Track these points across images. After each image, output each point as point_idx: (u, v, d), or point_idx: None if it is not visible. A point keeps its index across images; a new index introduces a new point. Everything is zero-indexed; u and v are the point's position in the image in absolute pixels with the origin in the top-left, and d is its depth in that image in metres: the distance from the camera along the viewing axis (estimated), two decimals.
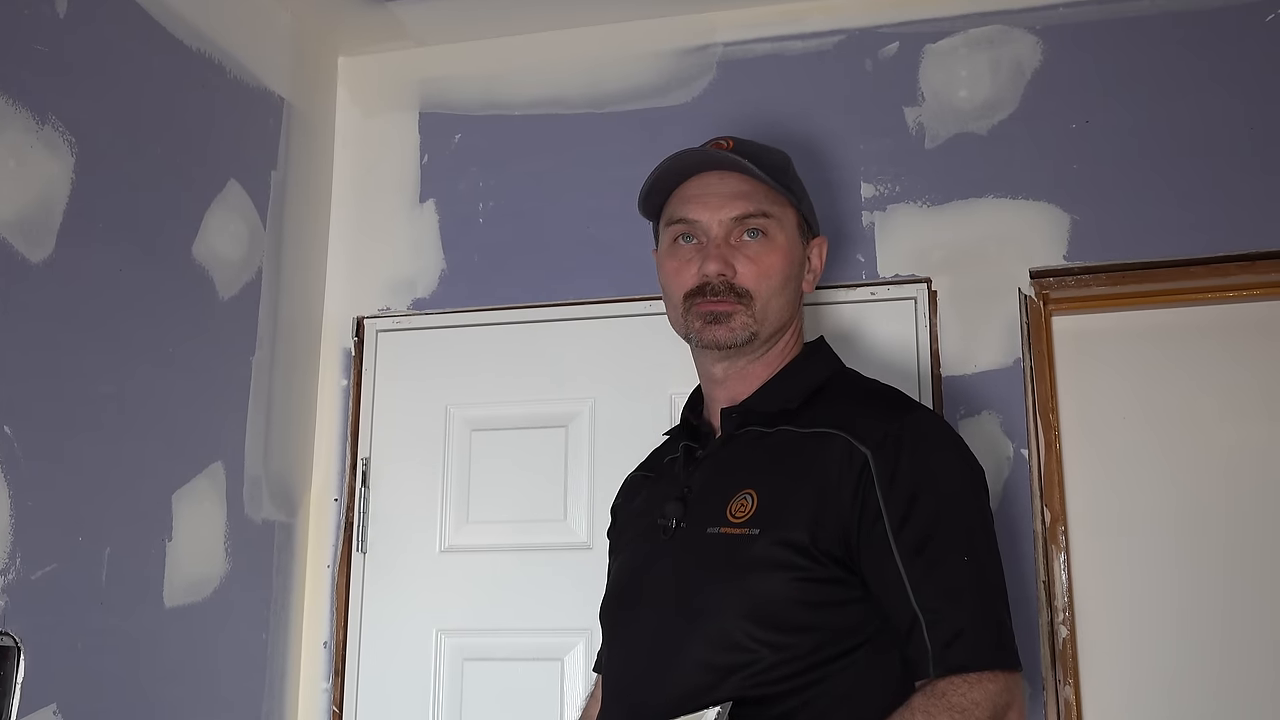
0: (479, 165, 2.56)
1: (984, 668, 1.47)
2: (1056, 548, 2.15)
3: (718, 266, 1.68)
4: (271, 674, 2.33)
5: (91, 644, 1.89)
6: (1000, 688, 1.47)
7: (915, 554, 1.51)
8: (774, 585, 1.53)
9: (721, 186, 1.73)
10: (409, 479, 2.46)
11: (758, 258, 1.70)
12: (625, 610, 1.70)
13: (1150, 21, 2.28)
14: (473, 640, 2.37)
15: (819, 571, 1.53)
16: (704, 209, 1.72)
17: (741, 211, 1.71)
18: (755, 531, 1.56)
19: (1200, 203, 2.19)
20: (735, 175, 1.73)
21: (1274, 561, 2.16)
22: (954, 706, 1.44)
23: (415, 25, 2.56)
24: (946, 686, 1.46)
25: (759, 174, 1.71)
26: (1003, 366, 2.22)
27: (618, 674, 1.68)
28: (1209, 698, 2.14)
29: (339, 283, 2.59)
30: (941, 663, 1.47)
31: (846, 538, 1.54)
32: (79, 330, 1.90)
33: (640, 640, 1.63)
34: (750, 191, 1.72)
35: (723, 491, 1.63)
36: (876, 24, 2.41)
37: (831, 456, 1.58)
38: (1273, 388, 2.21)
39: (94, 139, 1.94)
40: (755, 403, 1.72)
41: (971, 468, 1.62)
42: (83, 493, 1.89)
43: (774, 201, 1.73)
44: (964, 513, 1.57)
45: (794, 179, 1.81)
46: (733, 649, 1.52)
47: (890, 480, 1.54)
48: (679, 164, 1.76)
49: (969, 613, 1.49)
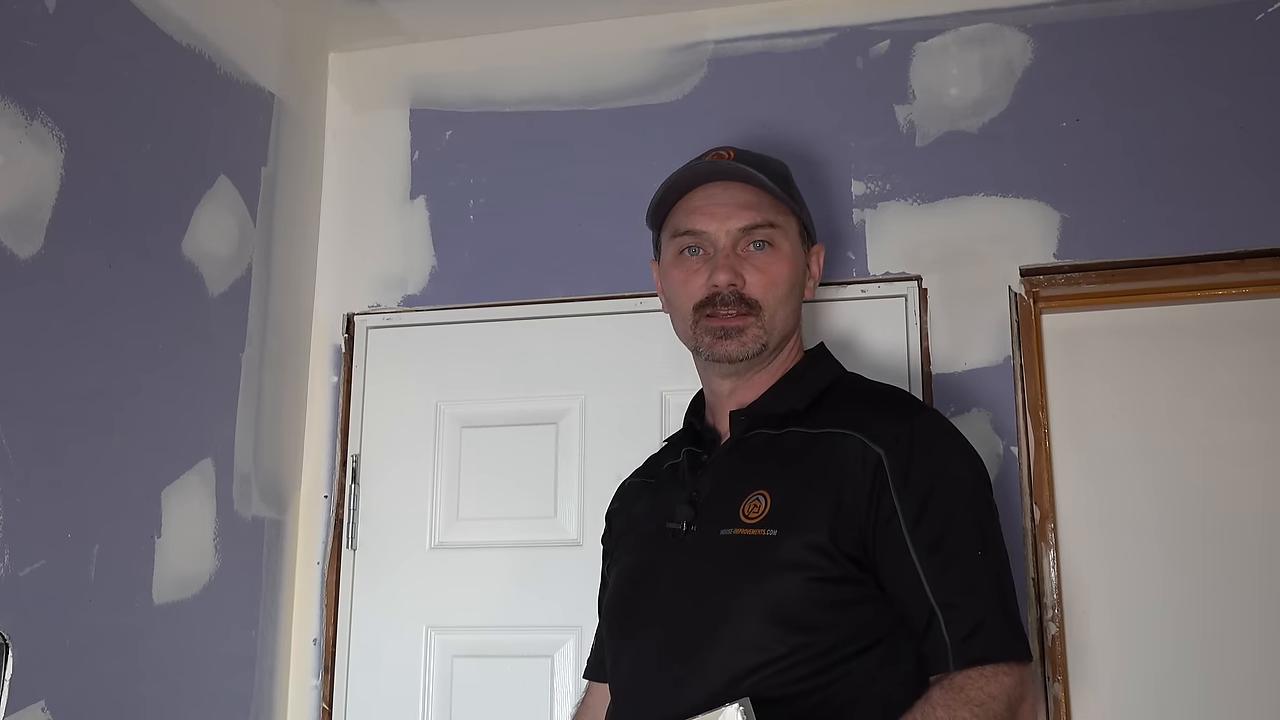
0: (470, 162, 2.56)
1: (1001, 660, 1.49)
2: (1046, 545, 2.16)
3: (728, 277, 1.69)
4: (261, 671, 2.33)
5: (80, 641, 1.88)
6: (1015, 680, 1.49)
7: (930, 550, 1.53)
8: (793, 585, 1.54)
9: (727, 197, 1.73)
10: (399, 476, 2.45)
11: (766, 267, 1.71)
12: (636, 615, 1.69)
13: (1140, 21, 2.28)
14: (463, 637, 2.37)
15: (837, 571, 1.54)
16: (711, 220, 1.72)
17: (749, 222, 1.71)
18: (773, 532, 1.56)
19: (1190, 201, 2.20)
20: (740, 185, 1.73)
21: (1262, 559, 2.16)
22: (973, 700, 1.46)
23: (406, 21, 2.56)
24: (964, 680, 1.48)
25: (767, 184, 1.72)
26: (993, 364, 2.22)
27: (629, 679, 1.67)
28: (1197, 694, 2.15)
29: (329, 279, 2.58)
30: (961, 656, 1.49)
31: (863, 537, 1.55)
32: (68, 327, 1.89)
33: (654, 644, 1.62)
34: (756, 202, 1.72)
35: (734, 493, 1.64)
36: (867, 22, 2.41)
37: (846, 457, 1.59)
38: (1262, 386, 2.22)
39: (83, 134, 1.93)
40: (763, 405, 1.73)
41: (979, 466, 1.65)
42: (71, 489, 1.88)
43: (778, 211, 1.74)
44: (975, 509, 1.59)
45: (794, 187, 1.82)
46: (751, 649, 1.53)
47: (904, 479, 1.56)
48: (688, 175, 1.76)
49: (985, 606, 1.52)
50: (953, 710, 1.45)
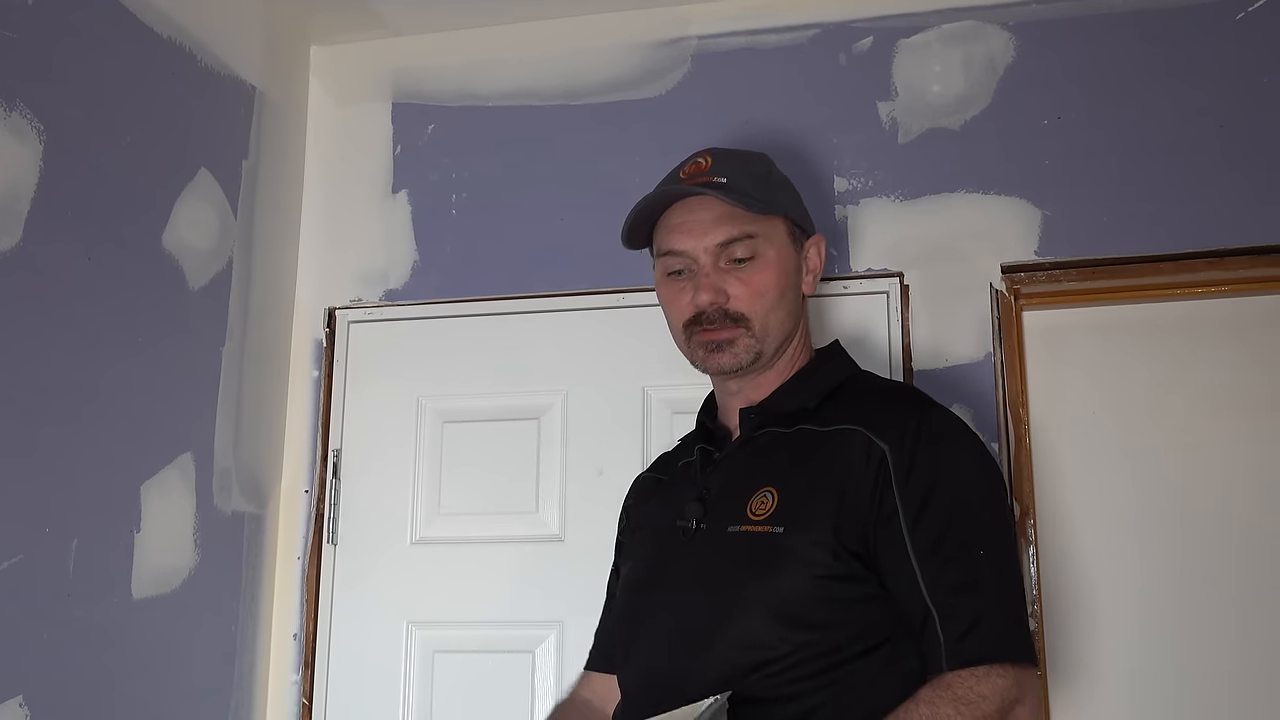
0: (452, 156, 2.55)
1: (995, 660, 1.47)
2: (1025, 541, 2.17)
3: (709, 296, 1.68)
4: (241, 666, 2.32)
5: (58, 636, 1.87)
6: (1009, 683, 1.46)
7: (929, 549, 1.51)
8: (798, 582, 1.53)
9: (704, 213, 1.71)
10: (380, 471, 2.45)
11: (749, 279, 1.69)
12: (645, 613, 1.68)
13: (1122, 19, 2.29)
14: (443, 632, 2.37)
15: (842, 569, 1.53)
16: (688, 237, 1.71)
17: (725, 237, 1.69)
18: (779, 529, 1.56)
19: (1170, 199, 2.21)
20: (715, 198, 1.71)
21: (1240, 556, 2.18)
22: (959, 698, 1.44)
23: (389, 15, 2.55)
24: (954, 679, 1.46)
25: (739, 198, 1.69)
26: (973, 360, 2.23)
27: (637, 676, 1.66)
28: (1174, 690, 2.16)
29: (310, 273, 2.57)
30: (954, 656, 1.46)
31: (865, 534, 1.54)
32: (46, 320, 1.88)
33: (662, 642, 1.62)
34: (732, 213, 1.70)
35: (743, 490, 1.63)
36: (850, 18, 2.41)
37: (852, 452, 1.58)
38: (1242, 383, 2.23)
39: (63, 126, 1.92)
40: (774, 403, 1.72)
41: (988, 465, 1.62)
42: (50, 483, 1.87)
43: (758, 218, 1.72)
44: (979, 509, 1.56)
45: (778, 185, 1.80)
46: (755, 647, 1.52)
47: (907, 476, 1.54)
48: (656, 199, 1.75)
49: (982, 606, 1.49)
50: (936, 706, 1.43)
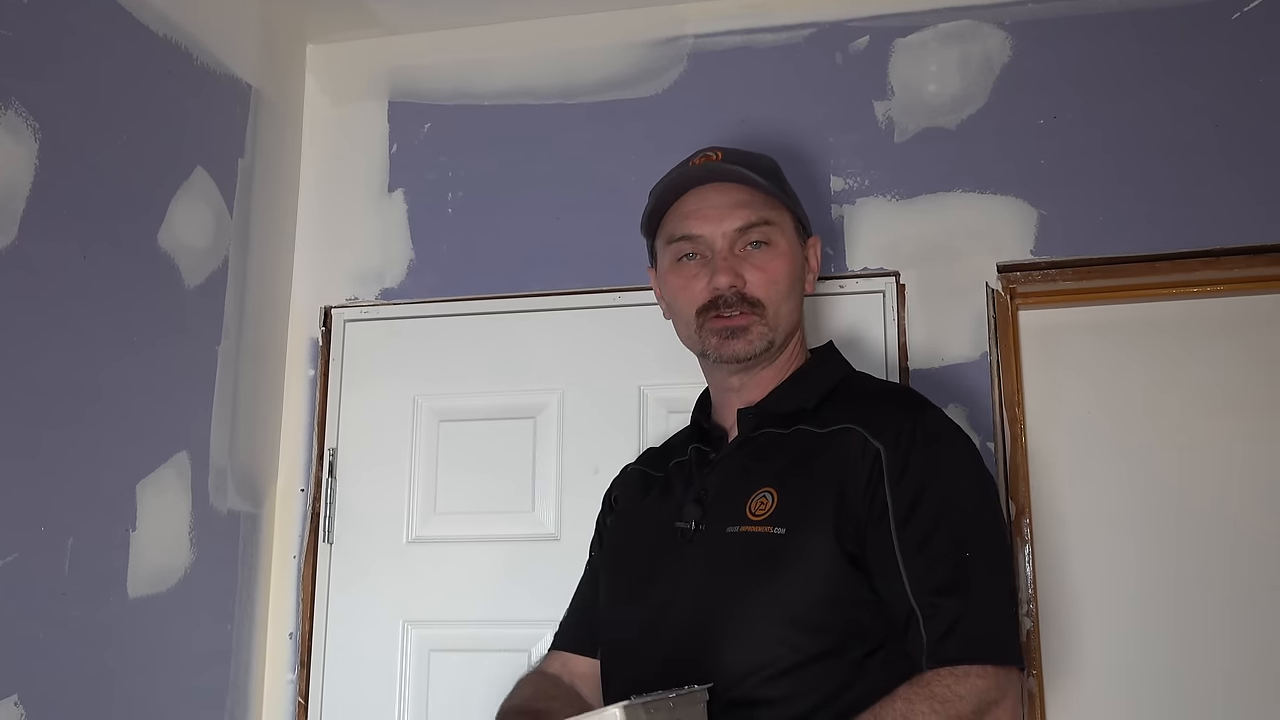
0: (448, 155, 2.55)
1: (976, 660, 1.46)
2: (1021, 540, 2.17)
3: (728, 279, 1.68)
4: (236, 665, 2.32)
5: (54, 635, 1.87)
6: (990, 684, 1.46)
7: (915, 548, 1.51)
8: (801, 584, 1.53)
9: (720, 198, 1.72)
10: (376, 470, 2.45)
11: (765, 265, 1.70)
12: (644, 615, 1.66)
13: (1119, 18, 2.29)
14: (439, 631, 2.37)
15: (843, 570, 1.53)
16: (706, 222, 1.71)
17: (744, 221, 1.70)
18: (780, 530, 1.56)
19: (1166, 199, 2.21)
20: (733, 185, 1.72)
21: (1236, 555, 2.18)
22: (935, 695, 1.44)
23: (385, 13, 2.55)
24: (933, 677, 1.45)
25: (761, 182, 1.70)
26: (969, 360, 2.23)
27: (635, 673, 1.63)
28: (1170, 689, 2.16)
29: (306, 272, 2.57)
30: (934, 656, 1.47)
31: (859, 534, 1.54)
32: (42, 318, 1.87)
33: (663, 641, 1.61)
34: (749, 200, 1.71)
35: (741, 491, 1.63)
36: (847, 17, 2.41)
37: (848, 452, 1.59)
38: (1238, 383, 2.23)
39: (58, 125, 1.91)
40: (771, 403, 1.72)
41: (981, 469, 1.62)
42: (45, 482, 1.87)
43: (772, 207, 1.73)
44: (970, 511, 1.56)
45: (785, 182, 1.81)
46: (756, 648, 1.52)
47: (899, 476, 1.54)
48: (681, 179, 1.75)
49: (964, 607, 1.48)
50: (911, 703, 1.43)
